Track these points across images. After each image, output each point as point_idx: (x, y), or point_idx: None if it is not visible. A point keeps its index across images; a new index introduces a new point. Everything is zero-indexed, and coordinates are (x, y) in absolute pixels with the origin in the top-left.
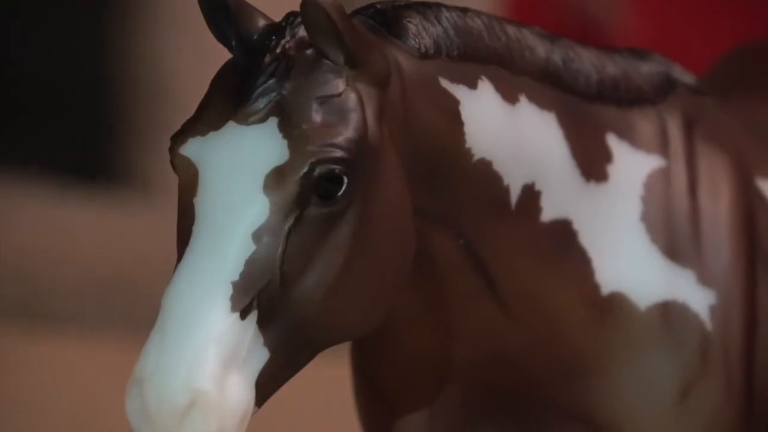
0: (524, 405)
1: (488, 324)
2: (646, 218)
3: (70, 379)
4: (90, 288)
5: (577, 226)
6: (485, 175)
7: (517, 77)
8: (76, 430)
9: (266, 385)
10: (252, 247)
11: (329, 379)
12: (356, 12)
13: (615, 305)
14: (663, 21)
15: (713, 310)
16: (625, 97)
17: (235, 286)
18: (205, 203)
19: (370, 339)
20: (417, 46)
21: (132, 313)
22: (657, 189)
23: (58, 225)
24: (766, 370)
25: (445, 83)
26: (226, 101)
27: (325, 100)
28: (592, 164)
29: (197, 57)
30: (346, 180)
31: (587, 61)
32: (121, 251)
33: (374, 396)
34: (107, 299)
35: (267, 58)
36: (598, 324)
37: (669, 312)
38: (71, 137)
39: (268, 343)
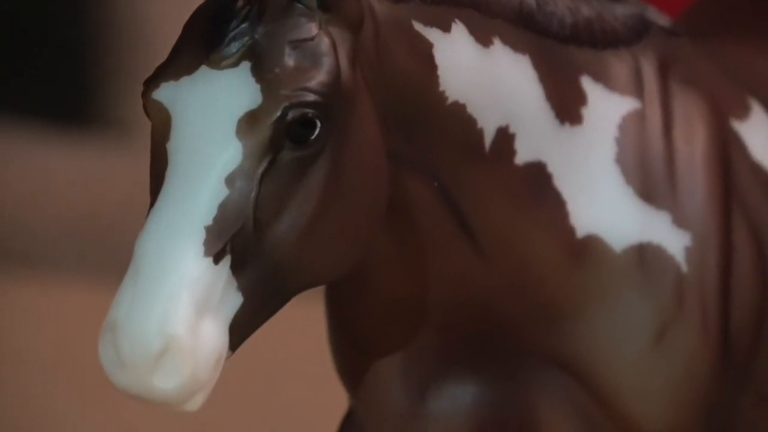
0: (500, 349)
1: (463, 268)
2: (620, 160)
3: (46, 321)
4: (67, 230)
5: (552, 168)
6: (459, 119)
7: (490, 20)
8: (51, 371)
9: (240, 330)
10: (225, 192)
11: (304, 321)
12: None
13: (590, 248)
14: None
15: (689, 251)
16: (599, 40)
17: (208, 230)
18: (177, 148)
19: (344, 283)
20: None
21: (109, 255)
22: (631, 131)
23: (35, 167)
24: (742, 312)
25: (418, 26)
26: (199, 46)
27: (297, 44)
28: (567, 107)
29: (174, 1)
30: (319, 124)
31: (561, 4)
32: (98, 193)
33: (348, 340)
34: (84, 241)
35: (239, 2)
36: (574, 267)
37: (644, 254)
38: (49, 80)
39: (242, 288)
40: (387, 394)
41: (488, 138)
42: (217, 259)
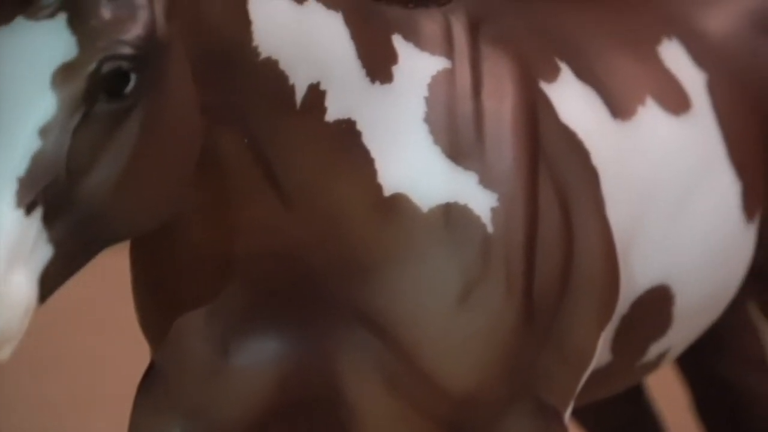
0: (306, 304)
1: (271, 220)
2: (429, 119)
3: None
4: None
5: (361, 126)
6: (272, 74)
7: None
8: None
9: (49, 281)
10: (38, 143)
11: (113, 273)
12: None
13: (397, 206)
14: None
15: (495, 212)
16: None
17: (21, 181)
18: None
19: (151, 235)
20: None
21: None
22: (441, 90)
23: None
24: (547, 272)
25: None
26: None
27: None
28: (378, 65)
29: None
30: (134, 77)
31: None
32: None
33: (153, 292)
34: None
35: None
36: (381, 224)
37: (451, 214)
38: None
39: (53, 239)
40: (190, 348)
41: (299, 94)
42: (28, 210)
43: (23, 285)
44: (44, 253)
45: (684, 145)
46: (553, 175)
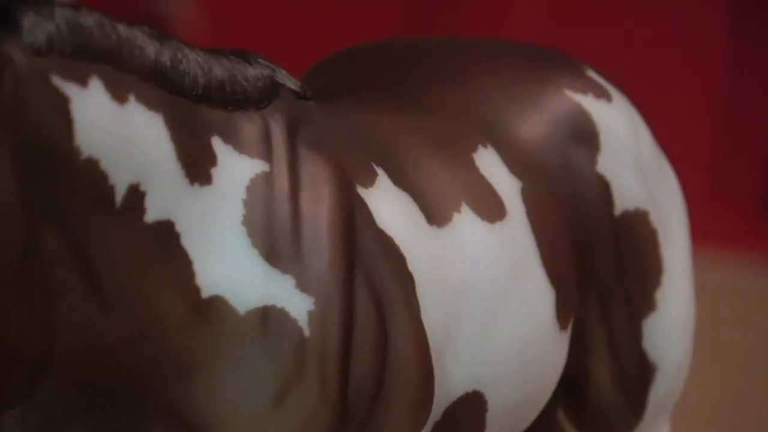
0: (122, 403)
1: (88, 318)
2: (247, 222)
3: None
4: None
5: (180, 228)
6: (92, 174)
7: (127, 76)
8: None
9: None
10: None
11: None
12: None
13: (214, 308)
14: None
15: (311, 315)
16: (230, 100)
17: None
18: None
19: None
20: (30, 42)
21: None
22: (259, 193)
23: None
24: (361, 375)
25: (56, 80)
26: None
27: None
28: (197, 167)
29: None
30: None
31: (194, 63)
32: None
33: None
34: None
35: None
36: (198, 326)
37: (268, 317)
38: None
39: None
40: None
41: (119, 194)
42: None
43: None
44: None
45: (498, 253)
46: (368, 280)
